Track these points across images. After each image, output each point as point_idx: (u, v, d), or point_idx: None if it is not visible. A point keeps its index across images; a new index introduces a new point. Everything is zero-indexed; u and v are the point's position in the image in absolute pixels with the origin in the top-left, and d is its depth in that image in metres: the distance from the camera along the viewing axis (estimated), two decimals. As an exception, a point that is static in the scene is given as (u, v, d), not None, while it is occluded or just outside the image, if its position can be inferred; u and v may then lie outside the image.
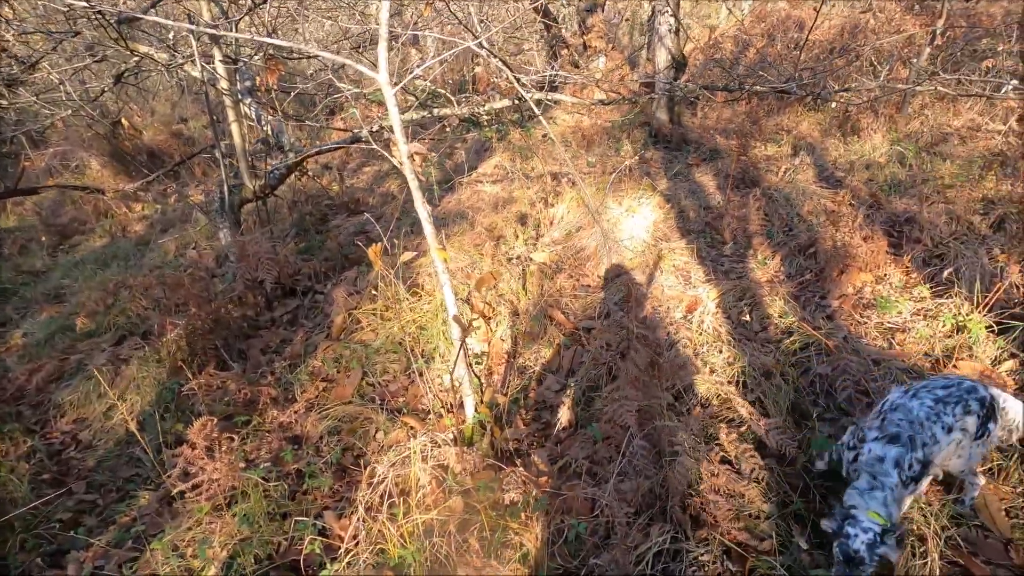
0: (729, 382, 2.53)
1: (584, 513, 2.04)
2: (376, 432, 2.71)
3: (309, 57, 4.83)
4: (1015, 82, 3.76)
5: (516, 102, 3.63)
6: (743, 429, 2.25)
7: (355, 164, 7.36)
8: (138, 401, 3.08)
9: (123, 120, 7.21)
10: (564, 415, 2.59)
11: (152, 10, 3.68)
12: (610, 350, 2.74)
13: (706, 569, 1.73)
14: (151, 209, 6.59)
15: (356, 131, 4.04)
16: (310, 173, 6.00)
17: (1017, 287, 2.66)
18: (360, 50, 5.13)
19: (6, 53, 4.57)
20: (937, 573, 1.66)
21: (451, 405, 2.60)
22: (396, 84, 1.85)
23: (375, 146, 2.25)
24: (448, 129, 4.29)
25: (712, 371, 2.62)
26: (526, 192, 4.96)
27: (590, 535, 1.98)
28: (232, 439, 2.48)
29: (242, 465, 2.47)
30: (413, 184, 1.96)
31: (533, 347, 3.16)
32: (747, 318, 3.01)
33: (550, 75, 3.23)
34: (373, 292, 3.69)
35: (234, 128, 4.03)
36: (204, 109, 6.18)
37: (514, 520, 2.00)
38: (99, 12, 2.71)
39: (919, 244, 3.24)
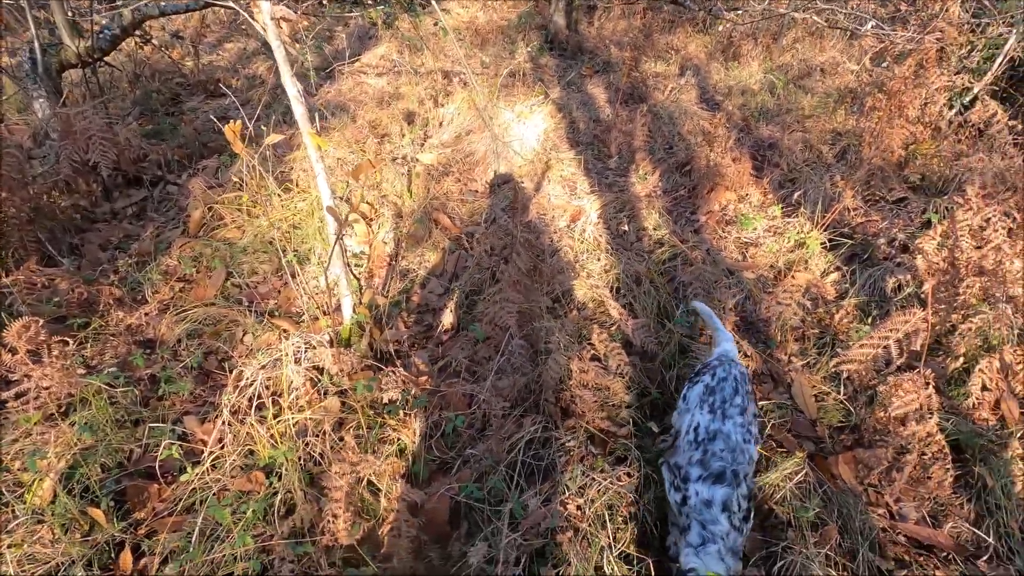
0: (605, 287, 2.67)
1: (462, 408, 2.11)
2: (244, 335, 2.52)
3: None
4: (875, 21, 4.08)
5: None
6: (613, 329, 2.41)
7: (214, 38, 6.33)
8: (-65, 300, 2.57)
9: None
10: (447, 318, 2.59)
11: None
12: (494, 255, 2.74)
13: (572, 454, 1.88)
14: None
15: (211, -8, 3.41)
16: (155, 42, 5.07)
17: (849, 210, 3.04)
18: None
19: None
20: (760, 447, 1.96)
21: (327, 306, 2.48)
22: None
23: (233, 5, 1.90)
24: (326, 4, 3.77)
25: (589, 276, 2.74)
26: (415, 89, 4.62)
27: (467, 428, 2.05)
28: (66, 343, 2.18)
29: (81, 371, 2.20)
30: (279, 55, 1.70)
31: (417, 250, 3.07)
32: (625, 228, 3.15)
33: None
34: (238, 185, 3.31)
35: (43, -32, 3.21)
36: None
37: (392, 418, 2.01)
38: None
39: (777, 168, 3.54)
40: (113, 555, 1.70)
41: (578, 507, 1.70)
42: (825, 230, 2.90)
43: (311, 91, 4.68)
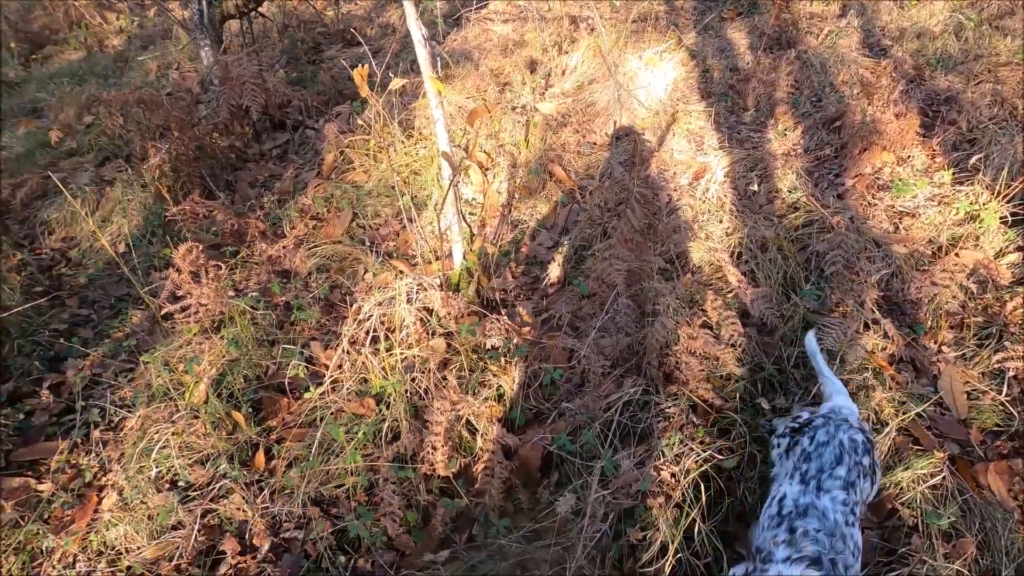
0: (725, 251, 2.48)
1: (561, 362, 2.10)
2: (365, 273, 2.71)
3: None
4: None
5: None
6: (729, 297, 2.24)
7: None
8: (124, 224, 3.04)
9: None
10: (554, 271, 2.57)
11: None
12: (607, 210, 2.65)
13: (671, 420, 1.81)
14: (127, 21, 6.00)
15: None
16: (303, -7, 5.39)
17: (1044, 179, 2.51)
18: None
19: None
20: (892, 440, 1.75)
21: (439, 252, 2.57)
22: None
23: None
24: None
25: (708, 238, 2.56)
26: (539, 35, 4.49)
27: (565, 382, 2.06)
28: (219, 267, 2.48)
29: (231, 293, 2.50)
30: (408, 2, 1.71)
31: (530, 202, 3.05)
32: (755, 189, 2.88)
33: None
34: (365, 130, 3.49)
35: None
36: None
37: (493, 363, 2.06)
38: None
39: (953, 126, 3.00)
40: (250, 454, 1.96)
41: (672, 475, 1.65)
42: (1008, 202, 2.44)
43: (438, 39, 4.74)
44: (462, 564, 1.62)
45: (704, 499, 1.59)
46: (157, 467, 1.88)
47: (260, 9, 4.34)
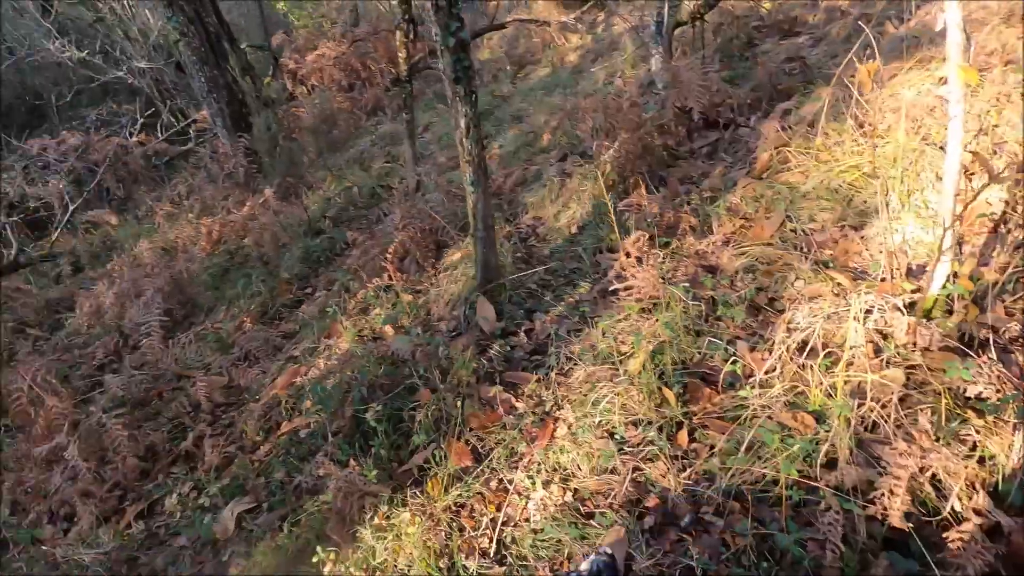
0: None
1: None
2: (795, 280, 2.57)
3: None
4: None
5: None
6: None
7: (794, -27, 6.18)
8: (579, 210, 3.68)
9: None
10: (1082, 315, 1.90)
11: None
12: None
13: None
14: (584, 39, 7.16)
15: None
16: (743, -12, 5.36)
17: None
18: None
19: None
20: None
21: (899, 269, 2.22)
22: None
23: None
24: None
25: None
26: (1079, -11, 3.29)
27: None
28: (656, 255, 2.75)
29: (661, 280, 2.75)
30: (951, -25, 1.47)
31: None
32: None
33: None
34: (808, 129, 3.26)
35: (682, -61, 3.80)
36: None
37: (977, 417, 1.67)
38: None
39: None
40: (674, 430, 2.14)
41: None
42: None
43: (908, 16, 4.01)
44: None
45: None
46: (599, 417, 2.24)
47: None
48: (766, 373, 2.10)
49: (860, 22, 4.35)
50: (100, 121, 8.08)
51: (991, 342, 1.86)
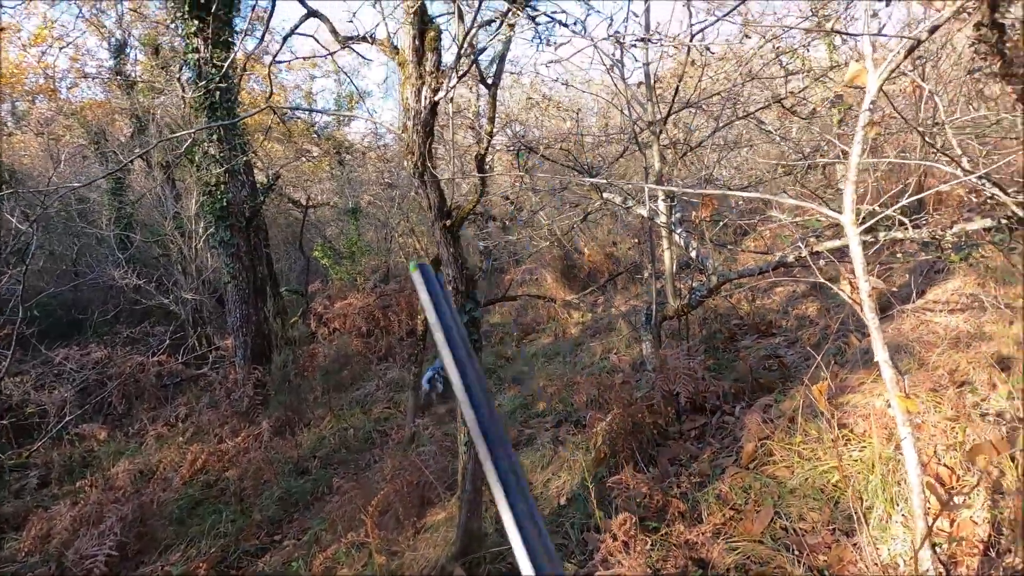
0: None
1: None
2: (791, 587, 2.43)
3: (754, 199, 5.18)
4: None
5: (1002, 222, 2.96)
6: None
7: (766, 284, 7.22)
8: (569, 481, 3.67)
9: (582, 245, 9.19)
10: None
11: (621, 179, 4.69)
12: None
13: None
14: (585, 317, 8.01)
15: (783, 254, 4.02)
16: (722, 291, 6.21)
17: None
18: (796, 176, 5.16)
19: (516, 206, 6.58)
20: None
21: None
22: (861, 225, 1.81)
23: (820, 279, 2.21)
24: (899, 255, 3.80)
25: None
26: (1007, 328, 3.83)
27: None
28: (645, 541, 2.66)
29: (650, 570, 2.60)
30: (873, 324, 1.82)
31: (1031, 547, 2.30)
32: None
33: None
34: (789, 424, 3.45)
35: (666, 255, 4.61)
36: (638, 237, 7.29)
37: None
38: (595, 186, 3.67)
39: None
40: None
41: None
42: None
43: (866, 332, 4.57)
44: None
45: None
46: None
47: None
48: None
49: (826, 332, 4.96)
50: (131, 338, 8.63)
51: None
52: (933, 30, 1.62)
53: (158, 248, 9.83)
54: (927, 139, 2.65)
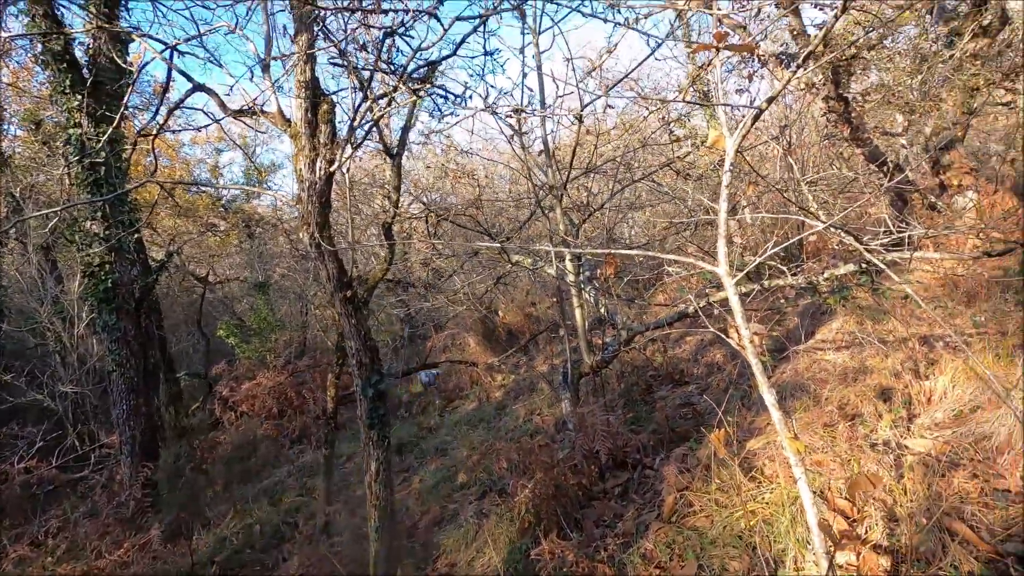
0: None
1: None
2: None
3: (649, 256, 5.46)
4: None
5: (863, 266, 3.29)
6: None
7: (677, 335, 7.54)
8: (495, 556, 3.47)
9: (499, 308, 9.23)
10: None
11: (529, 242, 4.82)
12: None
13: None
14: (507, 379, 7.94)
15: (684, 306, 4.22)
16: (635, 345, 6.40)
17: None
18: (691, 231, 5.54)
19: (433, 270, 6.56)
20: None
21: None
22: (735, 275, 1.93)
23: (711, 329, 2.31)
24: (784, 300, 4.10)
25: None
26: (885, 361, 4.19)
27: None
28: (572, 617, 2.52)
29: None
30: (757, 369, 1.90)
31: (928, 571, 2.40)
32: None
33: (904, 235, 2.87)
34: (704, 472, 3.50)
35: (577, 312, 4.72)
36: (553, 298, 7.44)
37: None
38: (503, 250, 3.73)
39: None
40: None
41: None
42: None
43: (768, 373, 4.84)
44: None
45: None
46: None
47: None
48: None
49: (734, 379, 5.19)
50: (-7, 444, 7.49)
51: None
52: (770, 100, 1.83)
53: (32, 337, 8.80)
54: (785, 196, 2.94)
